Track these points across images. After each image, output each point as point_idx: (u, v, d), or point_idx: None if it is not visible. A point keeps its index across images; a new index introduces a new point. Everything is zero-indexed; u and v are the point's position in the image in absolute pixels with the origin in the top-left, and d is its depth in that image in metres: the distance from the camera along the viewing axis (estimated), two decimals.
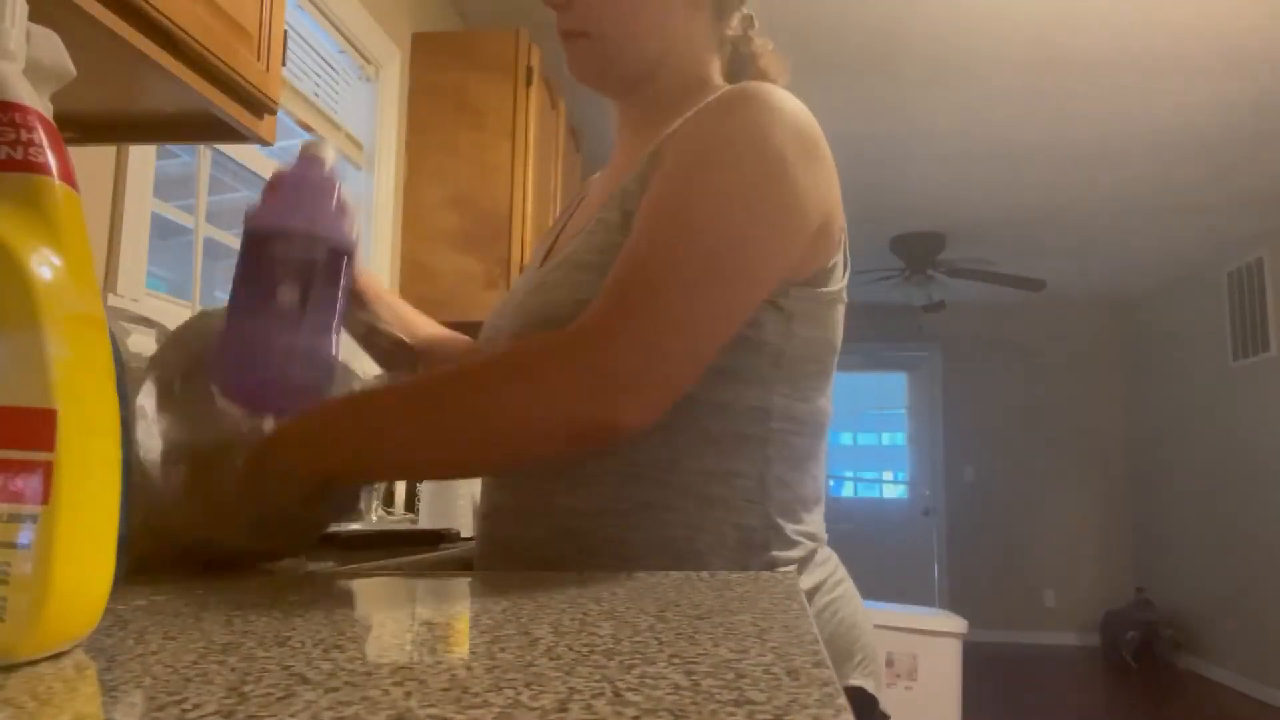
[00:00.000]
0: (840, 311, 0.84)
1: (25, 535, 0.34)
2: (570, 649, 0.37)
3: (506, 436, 0.71)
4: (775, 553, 0.78)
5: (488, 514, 0.85)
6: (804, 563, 0.80)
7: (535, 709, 0.27)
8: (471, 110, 2.75)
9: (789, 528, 0.79)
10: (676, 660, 0.34)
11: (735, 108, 0.77)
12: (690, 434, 0.77)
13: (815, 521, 0.84)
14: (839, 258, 0.83)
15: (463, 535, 1.34)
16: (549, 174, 3.03)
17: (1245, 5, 3.01)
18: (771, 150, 0.75)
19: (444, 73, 2.78)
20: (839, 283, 0.83)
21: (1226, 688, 5.81)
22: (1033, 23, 3.16)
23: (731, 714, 0.27)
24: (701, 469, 0.77)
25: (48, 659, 0.35)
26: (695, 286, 0.70)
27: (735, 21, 0.94)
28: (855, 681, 0.78)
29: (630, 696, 0.29)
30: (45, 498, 0.34)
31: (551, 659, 0.35)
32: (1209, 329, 6.14)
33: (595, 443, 0.71)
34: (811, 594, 0.78)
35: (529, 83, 2.77)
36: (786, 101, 0.79)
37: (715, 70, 0.92)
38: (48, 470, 0.34)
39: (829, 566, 0.83)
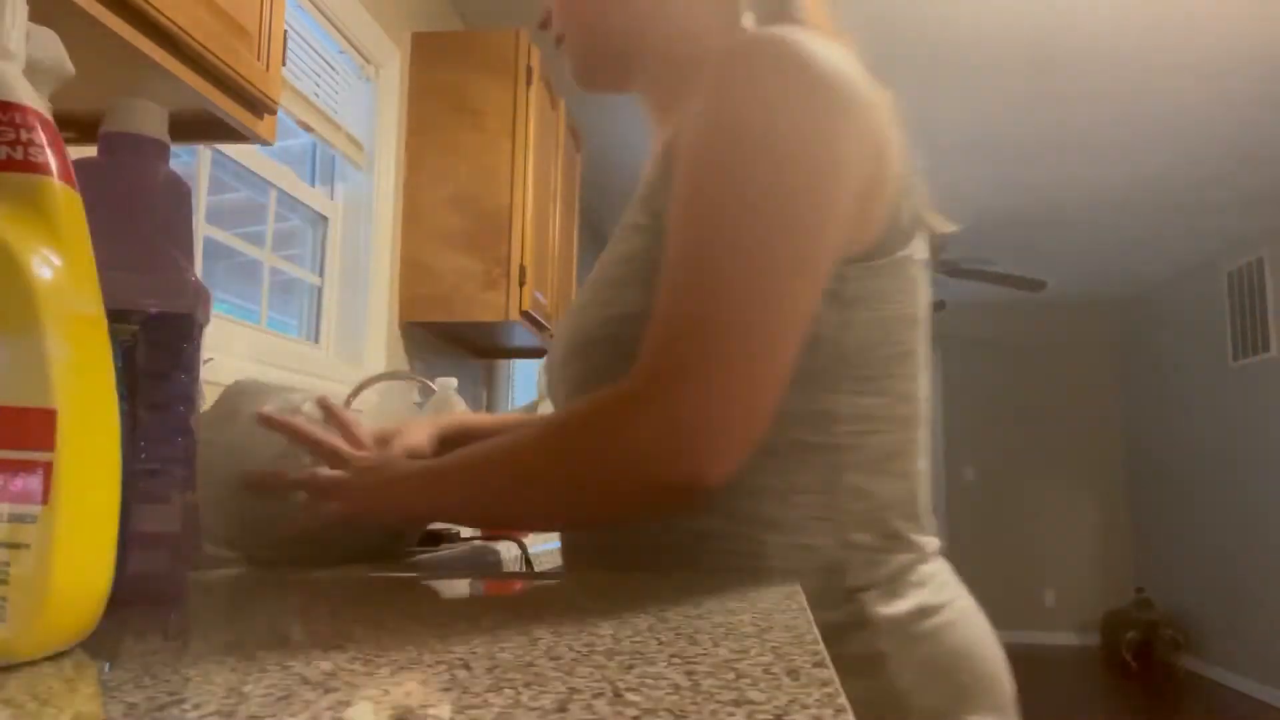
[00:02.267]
0: (915, 274, 0.72)
1: (25, 535, 0.34)
2: (570, 649, 0.37)
3: (584, 502, 0.65)
4: (855, 575, 0.68)
5: (561, 549, 0.83)
6: (894, 583, 0.69)
7: (535, 709, 0.27)
8: (471, 110, 2.75)
9: (872, 543, 0.69)
10: (676, 660, 0.34)
11: (743, 69, 0.66)
12: None
13: (912, 528, 0.72)
14: (901, 215, 0.71)
15: (462, 535, 1.34)
16: (549, 174, 3.03)
17: (1245, 4, 3.01)
18: (786, 124, 0.64)
19: (444, 73, 2.78)
20: (907, 243, 0.71)
21: (1226, 688, 5.81)
22: (1032, 22, 3.16)
23: (731, 714, 0.27)
24: (759, 488, 0.68)
25: (48, 659, 0.35)
26: (749, 316, 0.61)
27: None
28: (974, 718, 0.67)
29: (630, 696, 0.29)
30: (45, 498, 0.34)
31: (551, 659, 0.35)
32: (1209, 329, 6.14)
33: (678, 501, 0.63)
34: (907, 621, 0.67)
35: (529, 83, 2.77)
36: (808, 46, 0.66)
37: (732, 25, 0.79)
38: (48, 470, 0.34)
39: (934, 584, 0.71)
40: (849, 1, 0.93)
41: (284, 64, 1.27)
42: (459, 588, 0.62)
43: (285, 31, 1.27)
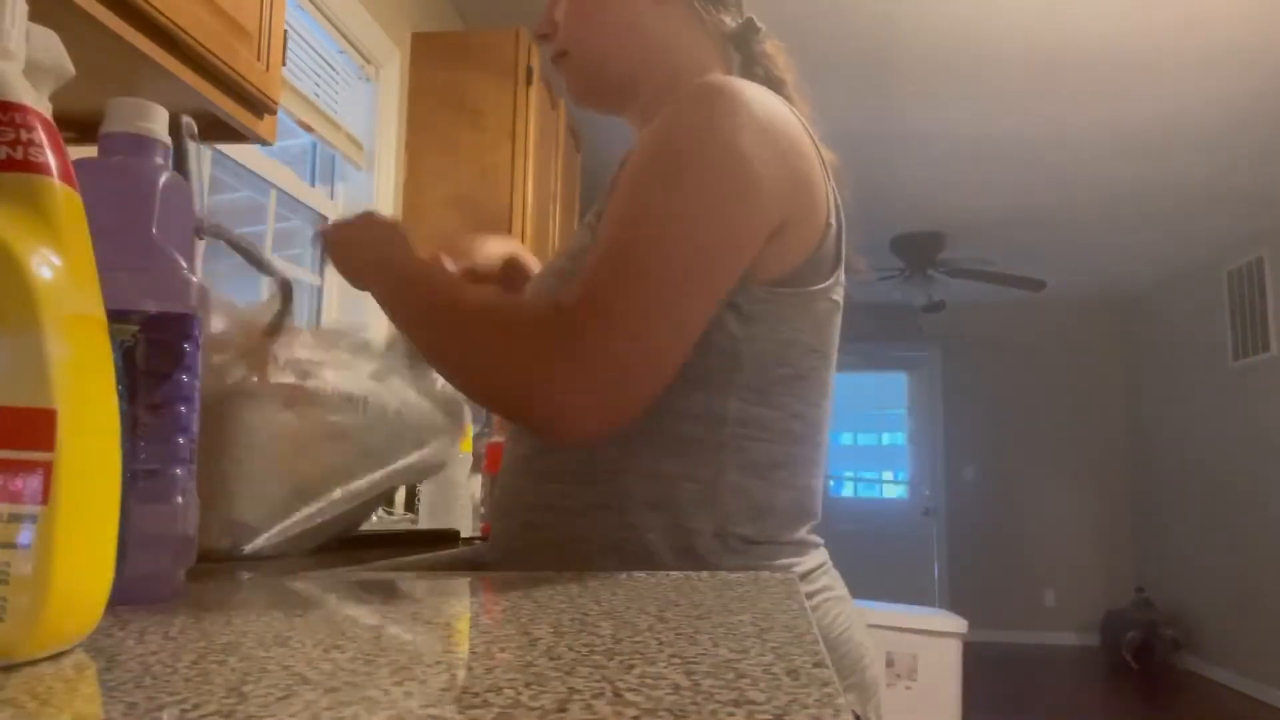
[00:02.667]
0: (823, 312, 0.80)
1: (25, 535, 0.34)
2: (570, 649, 0.37)
3: (480, 387, 0.76)
4: (731, 560, 0.75)
5: (493, 511, 0.90)
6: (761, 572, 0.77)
7: (535, 709, 0.27)
8: (471, 110, 2.75)
9: (743, 536, 0.76)
10: (676, 660, 0.34)
11: (690, 104, 0.75)
12: (642, 437, 0.75)
13: (789, 532, 0.79)
14: (821, 257, 0.79)
15: (463, 535, 1.34)
16: (549, 174, 3.03)
17: (1245, 4, 3.01)
18: (724, 146, 0.73)
19: (444, 73, 2.78)
20: (819, 282, 0.79)
21: (1226, 688, 5.81)
22: (1032, 22, 3.16)
23: (731, 714, 0.27)
24: (651, 472, 0.76)
25: (48, 659, 0.35)
26: (652, 302, 0.70)
27: (727, 19, 0.91)
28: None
29: (630, 696, 0.29)
30: (45, 498, 0.34)
31: (551, 659, 0.35)
32: (1209, 329, 6.14)
33: (542, 436, 0.76)
34: None
35: (529, 83, 2.77)
36: (750, 94, 0.75)
37: (715, 73, 0.89)
38: (48, 470, 0.34)
39: (808, 578, 0.79)
40: (853, 6, 0.99)
41: (284, 64, 1.27)
42: (459, 588, 0.62)
43: (285, 31, 1.27)
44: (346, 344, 0.98)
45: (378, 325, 2.62)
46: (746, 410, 0.76)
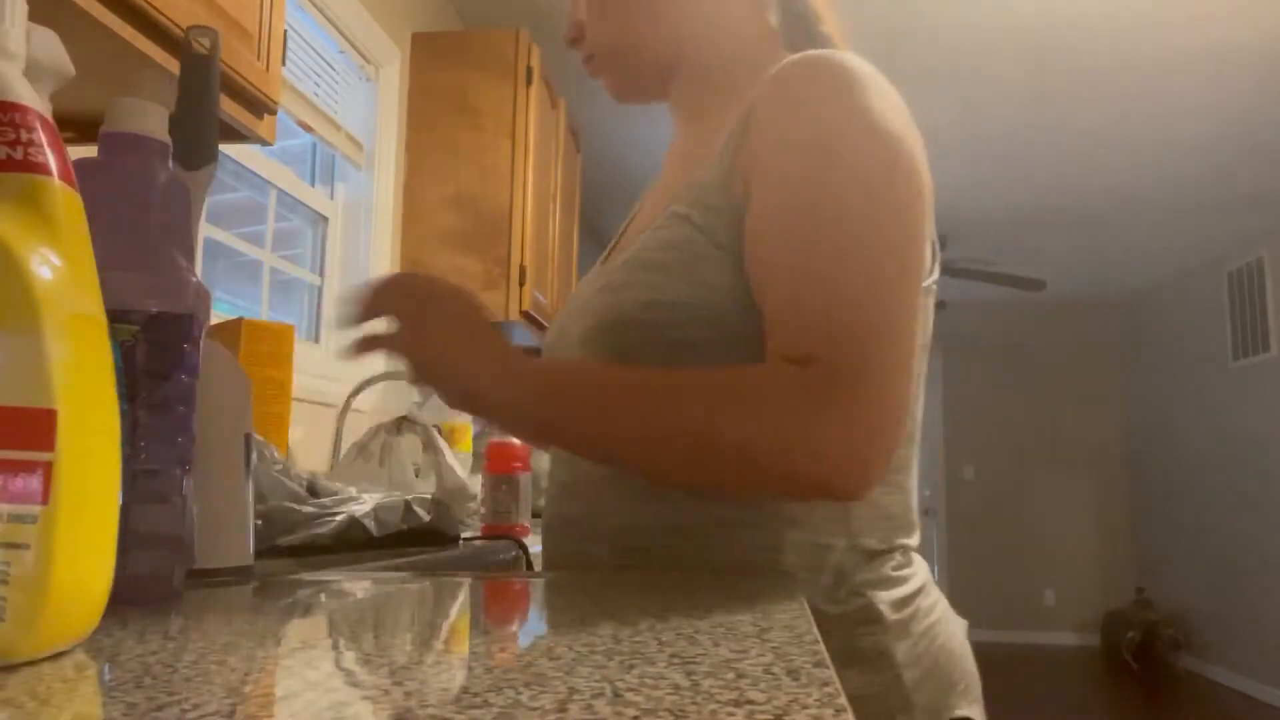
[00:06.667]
0: (930, 304, 0.76)
1: (25, 535, 0.34)
2: (570, 649, 0.37)
3: (719, 460, 0.64)
4: (862, 575, 0.71)
5: (551, 527, 0.80)
6: (896, 585, 0.73)
7: (535, 709, 0.27)
8: (471, 110, 2.75)
9: (876, 547, 0.73)
10: (676, 660, 0.34)
11: (825, 85, 0.68)
12: None
13: (907, 538, 0.77)
14: (931, 244, 0.74)
15: (463, 536, 1.34)
16: (549, 174, 3.03)
17: (1245, 5, 3.01)
18: (886, 128, 0.67)
19: (444, 73, 2.78)
20: (931, 275, 0.75)
21: (1226, 688, 5.81)
22: (1032, 22, 3.16)
23: (731, 714, 0.27)
24: None
25: (48, 659, 0.35)
26: (894, 336, 0.63)
27: None
28: (962, 712, 0.72)
29: (630, 696, 0.29)
30: (45, 498, 0.34)
31: (551, 659, 0.35)
32: (1209, 329, 6.14)
33: (813, 497, 0.66)
34: (910, 620, 0.72)
35: (529, 83, 2.77)
36: (863, 68, 0.70)
37: (764, 35, 0.83)
38: (48, 470, 0.34)
39: (924, 587, 0.76)
40: (853, 6, 0.95)
41: (284, 64, 1.27)
42: (459, 588, 0.62)
43: (285, 31, 1.27)
44: None
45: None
46: None
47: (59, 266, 0.36)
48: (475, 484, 1.62)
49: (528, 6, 3.12)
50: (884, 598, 0.71)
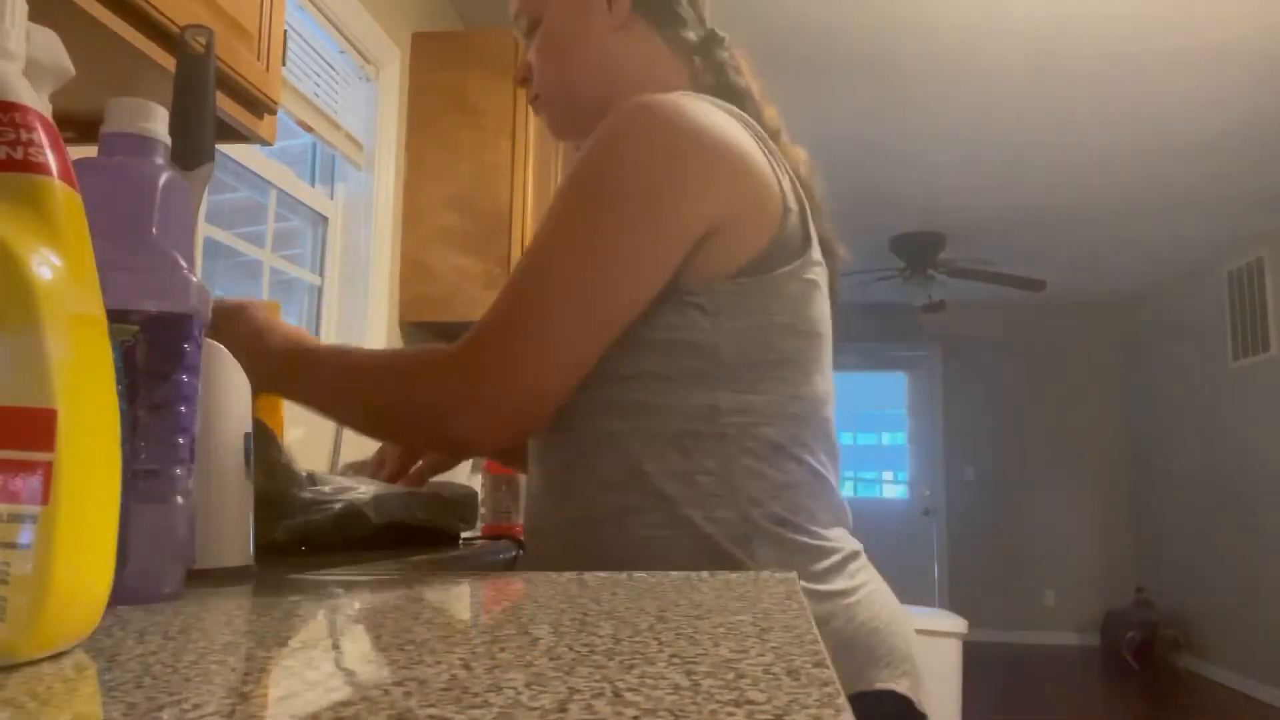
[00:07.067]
0: (798, 293, 0.82)
1: (25, 535, 0.34)
2: (570, 649, 0.37)
3: (383, 429, 0.93)
4: (769, 547, 0.77)
5: (526, 532, 0.94)
6: (810, 562, 0.78)
7: (535, 709, 0.27)
8: (471, 110, 2.75)
9: (780, 517, 0.78)
10: (676, 660, 0.34)
11: (607, 130, 0.80)
12: (646, 439, 0.79)
13: (822, 510, 0.81)
14: (784, 240, 0.81)
15: (463, 536, 1.34)
16: (549, 174, 3.03)
17: (1245, 5, 3.01)
18: (628, 168, 0.78)
19: (444, 73, 2.78)
20: (786, 265, 0.81)
21: (1226, 688, 5.81)
22: (1033, 23, 3.16)
23: (731, 714, 0.27)
24: (666, 471, 0.78)
25: (48, 659, 0.35)
26: (531, 326, 0.77)
27: (690, 34, 0.94)
28: (884, 685, 0.76)
29: (630, 696, 0.29)
30: (45, 498, 0.34)
31: (551, 659, 0.35)
32: (1209, 329, 6.14)
33: (457, 450, 0.96)
34: (824, 597, 0.76)
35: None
36: (662, 108, 0.79)
37: (687, 82, 0.92)
38: (48, 470, 0.34)
39: (847, 571, 0.80)
40: (853, 6, 1.02)
41: (284, 64, 1.27)
42: (459, 588, 0.62)
43: (285, 31, 1.27)
44: None
45: (376, 326, 2.61)
46: (739, 399, 0.79)
47: (59, 266, 0.36)
48: (475, 485, 1.62)
49: None
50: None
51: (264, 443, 1.00)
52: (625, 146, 0.79)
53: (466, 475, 1.79)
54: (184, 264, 0.54)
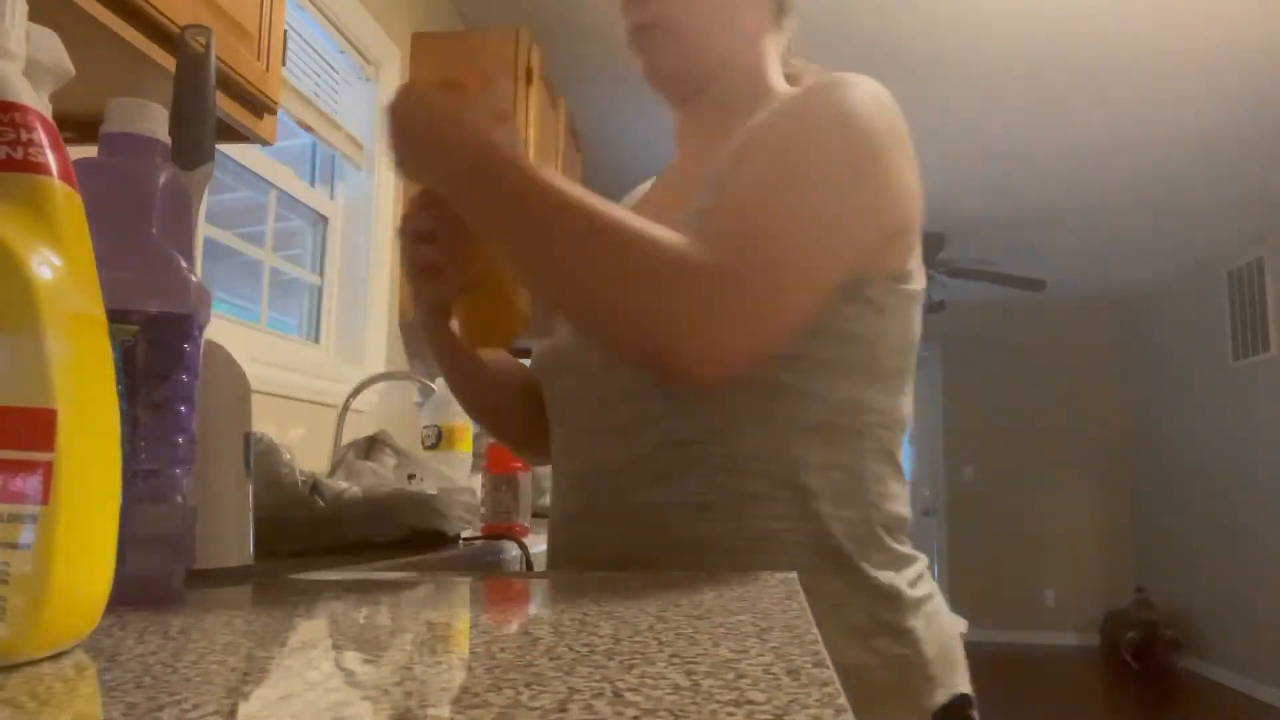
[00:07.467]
0: (920, 312, 0.83)
1: (25, 535, 0.34)
2: (570, 649, 0.37)
3: (607, 306, 0.69)
4: (879, 552, 0.77)
5: (564, 518, 0.85)
6: (908, 562, 0.79)
7: (535, 709, 0.27)
8: None
9: (888, 523, 0.78)
10: (676, 660, 0.34)
11: (827, 91, 0.76)
12: (787, 423, 0.75)
13: (905, 523, 0.82)
14: (918, 258, 0.82)
15: (463, 536, 1.34)
16: None
17: (1245, 4, 3.01)
18: (865, 132, 0.75)
19: (444, 72, 2.77)
20: (919, 282, 0.82)
21: (1226, 688, 5.81)
22: (1032, 22, 3.16)
23: (731, 714, 0.27)
24: (800, 459, 0.75)
25: (48, 659, 0.35)
26: (798, 254, 0.70)
27: (786, 31, 0.94)
28: (962, 690, 0.78)
29: (630, 696, 0.29)
30: (45, 498, 0.34)
31: (551, 659, 0.35)
32: (1209, 329, 6.14)
33: (654, 369, 0.71)
34: (922, 600, 0.78)
35: (529, 82, 2.76)
36: (882, 90, 0.79)
37: (778, 77, 0.91)
38: (48, 470, 0.34)
39: (926, 575, 0.82)
40: (853, 5, 1.01)
41: (284, 64, 1.27)
42: (459, 588, 0.62)
43: (285, 31, 1.27)
44: None
45: (376, 326, 2.60)
46: (877, 399, 0.78)
47: (59, 266, 0.36)
48: (475, 484, 1.62)
49: (528, 6, 3.11)
50: (900, 576, 0.77)
51: (270, 460, 1.00)
52: (878, 116, 0.76)
53: (467, 475, 1.79)
54: (184, 264, 0.54)
